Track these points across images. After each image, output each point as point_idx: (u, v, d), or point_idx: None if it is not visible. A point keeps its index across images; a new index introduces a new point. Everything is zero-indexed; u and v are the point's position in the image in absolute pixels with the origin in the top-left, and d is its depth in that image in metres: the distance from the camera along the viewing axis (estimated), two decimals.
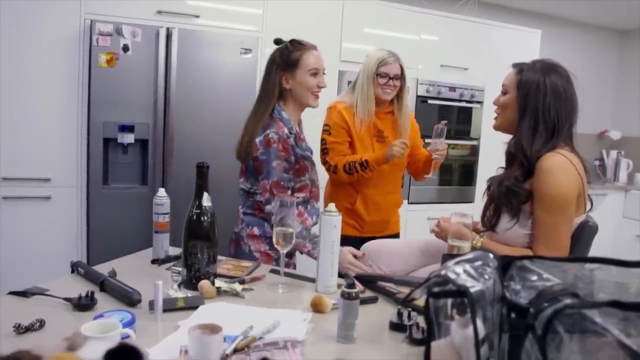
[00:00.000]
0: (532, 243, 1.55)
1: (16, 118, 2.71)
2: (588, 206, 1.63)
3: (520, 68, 1.61)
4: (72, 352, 0.67)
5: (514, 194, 1.55)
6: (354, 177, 2.26)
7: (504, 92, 1.65)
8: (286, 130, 1.88)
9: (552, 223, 1.50)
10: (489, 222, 1.62)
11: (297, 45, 1.93)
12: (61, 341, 0.69)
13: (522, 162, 1.56)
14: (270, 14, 3.20)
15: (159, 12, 2.92)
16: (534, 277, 0.93)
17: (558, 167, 1.49)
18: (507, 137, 1.66)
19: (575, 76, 1.58)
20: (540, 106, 1.54)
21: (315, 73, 1.92)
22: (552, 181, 1.49)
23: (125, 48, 2.74)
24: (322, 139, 2.35)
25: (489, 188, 1.67)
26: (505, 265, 0.97)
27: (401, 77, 2.32)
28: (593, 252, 1.51)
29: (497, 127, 1.70)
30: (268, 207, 1.87)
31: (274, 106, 1.92)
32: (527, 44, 4.13)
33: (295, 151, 1.92)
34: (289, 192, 1.91)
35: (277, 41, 1.98)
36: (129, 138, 2.80)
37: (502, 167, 1.68)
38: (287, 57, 1.92)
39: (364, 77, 2.29)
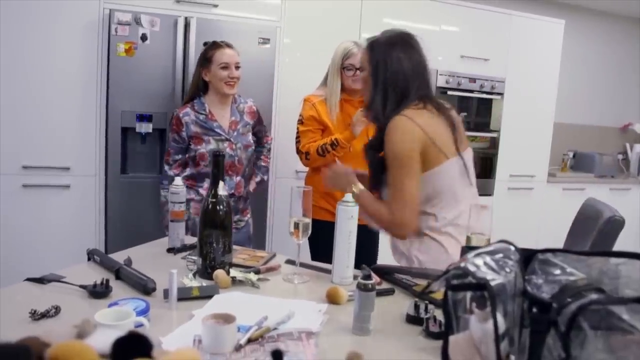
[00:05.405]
0: None
1: (36, 107, 2.73)
2: (466, 148, 1.67)
3: (369, 44, 1.67)
4: (81, 339, 0.66)
5: (377, 165, 1.65)
6: (327, 158, 2.34)
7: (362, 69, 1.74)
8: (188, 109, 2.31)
9: (395, 178, 1.57)
10: (371, 190, 1.71)
11: (212, 45, 2.34)
12: (71, 328, 0.69)
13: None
14: (289, 3, 3.17)
15: (178, 2, 2.92)
16: (557, 271, 0.90)
17: (395, 126, 1.57)
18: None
19: (422, 39, 1.64)
20: (388, 80, 1.61)
21: (225, 67, 2.28)
22: (390, 140, 1.57)
23: (144, 37, 2.74)
24: (296, 129, 2.48)
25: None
26: (527, 258, 0.94)
27: None
28: (617, 248, 1.47)
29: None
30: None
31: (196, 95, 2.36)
32: (550, 35, 4.04)
33: (189, 127, 2.30)
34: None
35: (205, 43, 2.49)
36: (147, 127, 2.81)
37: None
38: (204, 55, 2.33)
39: (332, 70, 2.40)
